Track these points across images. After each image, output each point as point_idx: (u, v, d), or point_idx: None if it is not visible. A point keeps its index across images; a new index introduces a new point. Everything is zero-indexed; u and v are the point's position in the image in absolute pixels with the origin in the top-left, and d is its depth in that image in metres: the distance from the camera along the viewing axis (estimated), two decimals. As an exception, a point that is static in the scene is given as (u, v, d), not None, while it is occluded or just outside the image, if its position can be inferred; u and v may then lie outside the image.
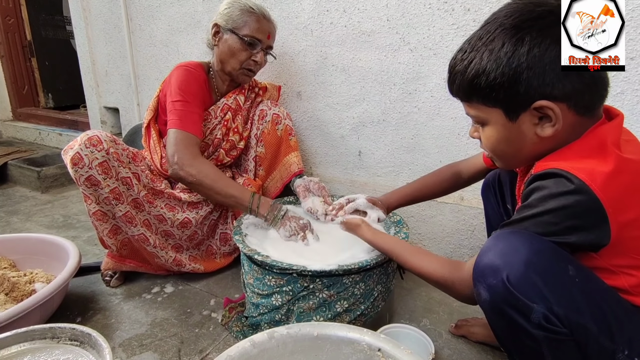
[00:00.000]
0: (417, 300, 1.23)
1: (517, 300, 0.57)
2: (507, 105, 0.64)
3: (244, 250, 1.00)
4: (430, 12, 1.26)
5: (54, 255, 1.24)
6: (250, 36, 1.23)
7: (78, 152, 1.05)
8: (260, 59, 1.26)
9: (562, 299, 0.56)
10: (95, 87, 2.35)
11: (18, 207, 1.99)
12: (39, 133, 2.84)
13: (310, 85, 1.56)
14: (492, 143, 0.70)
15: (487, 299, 0.60)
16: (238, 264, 1.39)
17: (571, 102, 0.60)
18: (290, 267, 0.91)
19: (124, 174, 1.13)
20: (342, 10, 1.41)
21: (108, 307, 1.18)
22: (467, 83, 0.66)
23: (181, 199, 1.27)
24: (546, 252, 0.58)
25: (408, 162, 1.44)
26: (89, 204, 1.11)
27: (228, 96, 1.34)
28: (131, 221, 1.16)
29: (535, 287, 0.56)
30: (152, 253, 1.23)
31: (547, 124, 0.62)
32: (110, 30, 2.15)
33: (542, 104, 0.60)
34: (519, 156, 0.69)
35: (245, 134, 1.38)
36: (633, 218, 0.58)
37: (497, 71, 0.61)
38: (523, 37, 0.59)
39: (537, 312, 0.56)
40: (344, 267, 0.91)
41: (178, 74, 1.24)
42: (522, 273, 0.56)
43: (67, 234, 1.69)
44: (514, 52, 0.59)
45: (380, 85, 1.41)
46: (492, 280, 0.59)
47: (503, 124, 0.66)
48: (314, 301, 0.95)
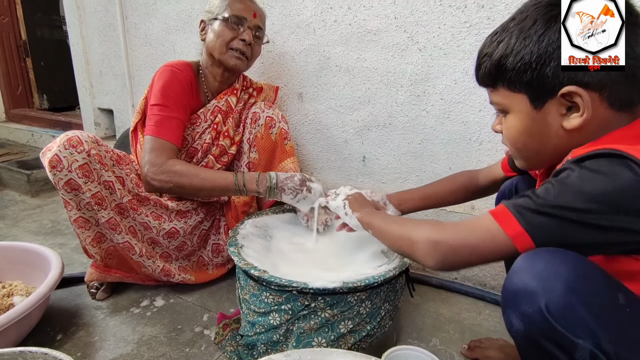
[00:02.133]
0: (425, 317, 1.14)
1: (557, 334, 0.49)
2: (534, 90, 0.58)
3: (239, 264, 0.91)
4: (440, 9, 1.19)
5: (37, 266, 1.15)
6: (234, 15, 1.14)
7: (56, 153, 0.97)
8: (249, 37, 1.15)
9: (613, 334, 0.47)
10: (89, 88, 2.27)
11: (5, 212, 1.91)
12: (31, 135, 2.76)
13: (312, 87, 1.48)
14: (513, 135, 0.64)
15: (521, 330, 0.52)
16: (232, 275, 1.31)
17: (604, 92, 0.55)
18: (290, 283, 0.83)
19: (106, 178, 1.04)
20: (346, 8, 1.34)
21: (92, 323, 1.09)
22: (494, 65, 0.61)
23: (168, 207, 1.18)
24: (594, 276, 0.50)
25: (415, 168, 1.36)
26: (69, 210, 1.03)
27: (219, 97, 1.24)
28: (115, 228, 1.07)
29: (580, 319, 0.48)
30: (138, 262, 1.14)
31: (575, 114, 0.56)
32: (105, 28, 2.07)
33: (570, 89, 0.55)
34: (542, 153, 0.63)
35: (237, 138, 1.27)
36: None
37: (525, 50, 0.57)
38: (556, 15, 0.55)
39: (582, 349, 0.47)
40: (349, 285, 0.82)
41: (160, 75, 1.15)
42: (564, 301, 0.48)
43: (55, 240, 1.60)
44: (545, 30, 0.55)
45: (387, 86, 1.33)
46: (527, 308, 0.50)
47: (527, 112, 0.60)
48: (315, 321, 0.86)
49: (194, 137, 1.21)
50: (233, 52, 1.16)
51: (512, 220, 0.54)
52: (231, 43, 1.15)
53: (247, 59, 1.19)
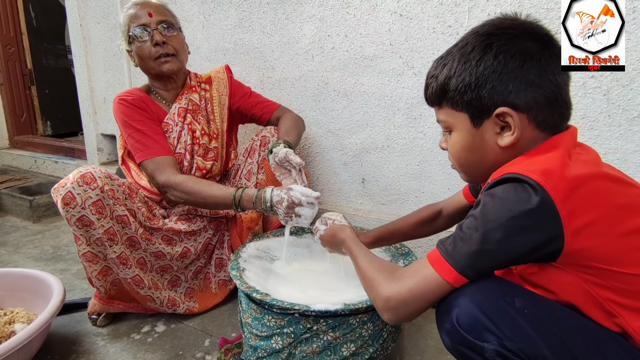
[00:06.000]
0: (428, 339, 1.14)
1: (469, 342, 0.57)
2: (473, 109, 0.65)
3: (241, 287, 0.92)
4: (434, 36, 1.23)
5: (38, 292, 1.15)
6: (135, 28, 1.16)
7: (70, 191, 0.98)
8: (159, 37, 1.16)
9: (512, 334, 0.55)
10: (92, 115, 2.32)
11: (7, 238, 1.91)
12: (34, 161, 2.79)
13: (312, 111, 1.52)
14: (457, 150, 0.70)
15: (448, 343, 0.61)
16: (234, 298, 1.31)
17: (532, 113, 0.62)
18: (292, 306, 0.83)
19: (119, 212, 1.07)
20: (343, 35, 1.39)
21: (92, 350, 1.08)
22: (439, 86, 0.68)
23: (181, 231, 1.21)
24: (490, 287, 0.58)
25: (414, 189, 1.37)
26: (79, 245, 1.04)
27: (178, 99, 1.26)
28: (125, 262, 1.09)
29: (483, 325, 0.56)
30: (146, 297, 1.15)
31: (507, 132, 0.63)
32: (110, 58, 2.14)
33: (503, 110, 0.62)
34: (482, 167, 0.69)
35: (213, 131, 1.30)
36: (588, 222, 0.56)
37: (465, 72, 0.64)
38: (492, 43, 0.62)
39: (489, 351, 0.56)
40: (351, 307, 0.83)
41: (115, 110, 1.20)
42: (469, 314, 0.57)
43: (56, 266, 1.60)
44: (481, 56, 0.62)
45: (384, 110, 1.37)
46: (447, 325, 0.60)
47: (468, 130, 0.67)
48: (317, 344, 0.86)
49: (174, 143, 1.24)
50: (159, 60, 1.18)
51: (444, 264, 0.60)
52: (151, 54, 1.17)
53: (173, 55, 1.20)
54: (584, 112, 1.07)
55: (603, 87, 1.04)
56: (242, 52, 1.64)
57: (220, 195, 1.08)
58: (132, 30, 1.17)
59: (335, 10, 1.38)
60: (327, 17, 1.40)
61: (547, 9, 1.06)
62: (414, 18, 1.25)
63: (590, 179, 0.57)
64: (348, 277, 1.05)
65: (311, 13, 1.43)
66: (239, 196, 1.05)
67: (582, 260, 0.57)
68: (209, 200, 1.09)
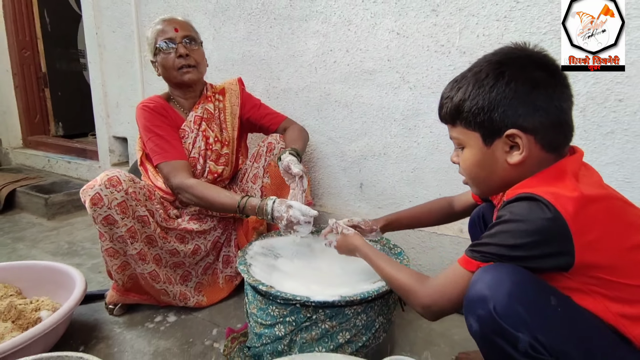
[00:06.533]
0: (418, 332, 1.23)
1: (504, 330, 0.60)
2: (485, 129, 0.71)
3: (248, 281, 1.02)
4: (428, 54, 1.34)
5: (60, 283, 1.26)
6: (162, 42, 1.29)
7: (98, 192, 1.09)
8: (183, 50, 1.29)
9: (545, 328, 0.59)
10: (105, 118, 2.43)
11: (24, 233, 2.02)
12: (47, 160, 2.91)
13: (314, 120, 1.63)
14: (468, 166, 0.77)
15: (478, 330, 0.64)
16: (239, 293, 1.41)
17: (538, 136, 0.68)
18: (294, 297, 0.93)
19: (140, 213, 1.18)
20: (345, 50, 1.50)
21: (111, 336, 1.19)
22: (454, 107, 0.74)
23: (193, 230, 1.32)
24: (527, 283, 0.62)
25: (409, 194, 1.48)
26: (102, 241, 1.15)
27: (195, 108, 1.39)
28: (144, 258, 1.19)
29: (520, 317, 0.60)
30: (161, 290, 1.25)
31: (516, 152, 0.69)
32: (123, 65, 2.25)
33: (513, 132, 0.68)
34: (491, 182, 0.76)
35: (225, 138, 1.42)
36: (596, 238, 0.63)
37: (479, 97, 0.70)
38: (504, 71, 0.69)
39: (523, 341, 0.59)
40: (346, 298, 0.93)
41: (138, 115, 1.32)
42: (507, 303, 0.60)
43: (72, 261, 1.71)
44: (494, 83, 0.69)
45: (382, 120, 1.47)
46: (480, 311, 0.63)
47: (480, 148, 0.73)
48: (316, 332, 0.96)
49: (189, 148, 1.36)
50: (181, 70, 1.32)
51: (471, 262, 0.69)
52: (174, 64, 1.30)
53: (194, 66, 1.33)
54: (562, 126, 1.17)
55: (580, 105, 1.14)
56: (249, 63, 1.75)
57: (226, 203, 1.18)
58: (159, 43, 1.30)
59: (337, 27, 1.49)
60: (330, 33, 1.51)
61: (529, 32, 1.16)
62: (410, 37, 1.36)
63: (598, 199, 0.65)
64: (345, 274, 1.15)
65: (315, 29, 1.54)
66: (243, 205, 1.16)
67: (589, 271, 0.63)
68: (215, 205, 1.22)
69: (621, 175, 1.13)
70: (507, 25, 1.19)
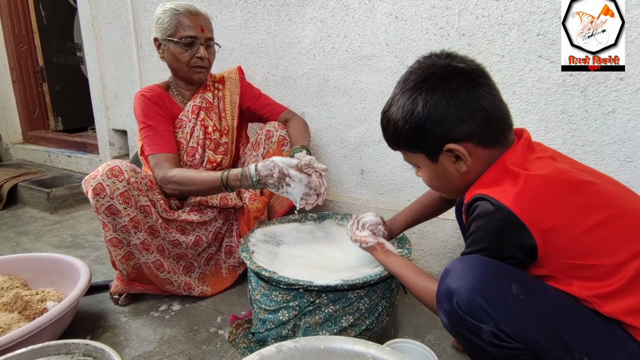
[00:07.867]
0: (420, 316, 1.24)
1: (468, 323, 0.64)
2: (426, 150, 0.76)
3: (251, 267, 1.03)
4: (427, 37, 1.33)
5: (65, 274, 1.27)
6: (185, 36, 1.27)
7: (100, 182, 1.09)
8: (203, 53, 1.29)
9: (506, 317, 0.62)
10: (104, 111, 2.42)
11: (28, 227, 2.03)
12: (48, 155, 2.91)
13: (313, 107, 1.62)
14: (427, 181, 0.82)
15: (447, 323, 0.68)
16: (243, 282, 1.42)
17: (474, 140, 0.72)
18: (297, 282, 0.94)
19: (143, 203, 1.18)
20: (343, 36, 1.48)
21: (117, 325, 1.20)
22: (391, 134, 0.79)
23: (194, 221, 1.31)
24: (489, 275, 0.65)
25: (409, 180, 1.47)
26: (106, 231, 1.15)
27: (194, 98, 1.39)
28: (148, 248, 1.20)
29: (481, 309, 0.63)
30: (165, 279, 1.26)
31: (461, 161, 0.73)
32: (121, 56, 2.23)
33: (450, 147, 0.72)
34: (453, 187, 0.80)
35: (224, 127, 1.42)
36: (552, 226, 0.65)
37: (406, 126, 0.74)
38: (416, 97, 0.72)
39: (485, 332, 0.62)
40: (349, 282, 0.94)
41: (135, 103, 1.32)
42: (468, 297, 0.64)
43: (76, 253, 1.72)
44: (412, 110, 0.72)
45: (381, 106, 1.42)
46: (446, 306, 0.66)
47: (429, 165, 0.78)
48: (320, 316, 0.97)
49: (187, 137, 1.35)
50: (194, 69, 1.32)
51: None
52: (189, 62, 1.30)
53: (207, 68, 1.34)
54: (563, 107, 1.16)
55: (581, 85, 1.13)
56: (247, 51, 1.74)
57: (209, 179, 1.15)
58: (182, 33, 1.27)
59: (335, 12, 1.48)
60: (328, 19, 1.50)
61: (529, 12, 1.15)
62: (409, 20, 1.34)
63: (544, 185, 0.67)
64: (347, 259, 1.16)
65: (312, 15, 1.52)
66: (225, 177, 1.13)
67: (558, 258, 0.66)
68: (199, 185, 1.17)
69: (623, 155, 1.12)
70: (507, 5, 1.18)
